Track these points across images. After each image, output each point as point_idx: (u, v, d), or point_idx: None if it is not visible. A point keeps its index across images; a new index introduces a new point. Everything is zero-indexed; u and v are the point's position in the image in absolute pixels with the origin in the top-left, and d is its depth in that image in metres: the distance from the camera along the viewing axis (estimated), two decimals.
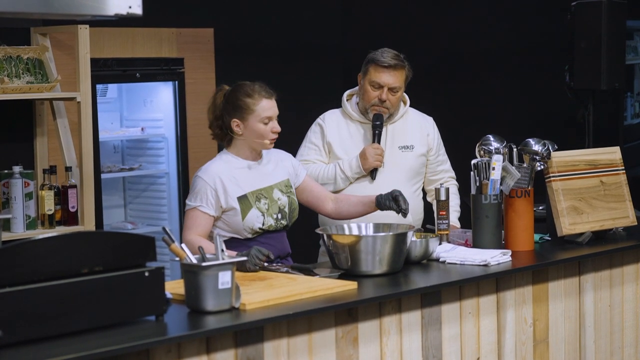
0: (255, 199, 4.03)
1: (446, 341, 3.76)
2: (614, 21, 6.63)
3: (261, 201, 4.04)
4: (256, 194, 4.04)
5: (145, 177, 6.54)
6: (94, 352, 2.77)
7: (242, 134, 4.04)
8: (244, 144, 4.07)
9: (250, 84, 4.06)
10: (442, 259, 4.03)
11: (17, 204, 5.00)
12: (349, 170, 4.55)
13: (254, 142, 4.05)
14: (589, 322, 4.31)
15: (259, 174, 4.09)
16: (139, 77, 6.05)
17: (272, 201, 4.06)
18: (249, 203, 4.01)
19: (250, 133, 4.03)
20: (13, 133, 5.28)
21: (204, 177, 4.02)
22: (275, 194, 4.08)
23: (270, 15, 6.69)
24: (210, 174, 4.02)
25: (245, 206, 4.00)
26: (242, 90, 4.05)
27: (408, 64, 4.61)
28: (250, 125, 4.02)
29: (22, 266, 2.83)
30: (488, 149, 4.21)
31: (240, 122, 4.03)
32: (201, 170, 4.07)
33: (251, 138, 4.04)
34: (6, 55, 5.08)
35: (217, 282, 3.17)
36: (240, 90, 4.05)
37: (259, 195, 4.04)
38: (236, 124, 4.03)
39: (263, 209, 4.02)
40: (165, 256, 4.57)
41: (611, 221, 4.52)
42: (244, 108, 4.01)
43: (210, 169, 4.05)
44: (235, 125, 4.03)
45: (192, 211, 4.01)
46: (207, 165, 4.08)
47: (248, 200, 4.01)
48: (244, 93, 4.03)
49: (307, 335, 3.34)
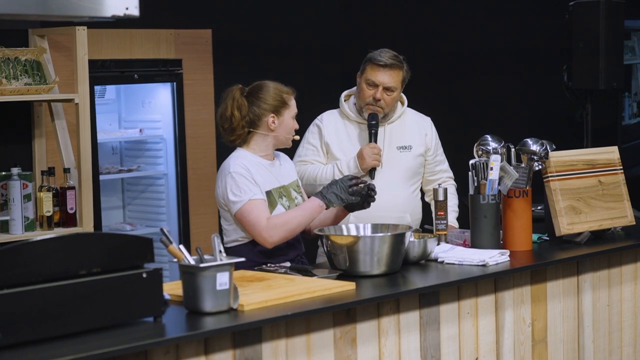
0: (278, 195, 4.04)
1: (445, 341, 3.77)
2: (612, 21, 6.64)
3: (283, 199, 4.05)
4: (279, 191, 4.05)
5: (143, 179, 6.54)
6: (93, 353, 2.77)
7: (275, 130, 4.05)
8: (264, 141, 4.06)
9: (272, 82, 4.08)
10: (440, 259, 4.03)
11: (16, 205, 5.00)
12: (347, 171, 4.54)
13: (284, 137, 4.07)
14: (588, 322, 4.31)
15: (275, 173, 4.10)
16: (137, 79, 6.05)
17: (291, 200, 4.08)
18: (274, 198, 4.03)
19: (283, 128, 4.05)
20: (11, 135, 5.28)
21: (234, 170, 3.95)
22: (292, 193, 4.11)
23: (269, 16, 6.69)
24: (235, 164, 3.97)
25: (272, 201, 4.02)
26: (272, 86, 4.06)
27: (406, 65, 4.61)
28: (285, 120, 4.05)
29: (21, 268, 2.83)
30: (486, 149, 4.22)
31: (276, 117, 4.04)
32: (230, 166, 3.97)
33: (282, 133, 4.06)
34: (4, 57, 5.08)
35: (215, 283, 3.17)
36: (270, 87, 4.06)
37: (281, 193, 4.06)
38: (272, 120, 4.03)
39: (286, 206, 4.03)
40: (163, 257, 4.57)
41: (609, 221, 4.52)
42: (282, 102, 4.04)
43: (236, 162, 3.99)
44: (271, 122, 4.03)
45: (247, 205, 3.92)
46: (232, 161, 4.00)
47: (273, 196, 4.03)
48: (277, 89, 4.06)
49: (306, 335, 3.34)
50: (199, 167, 6.33)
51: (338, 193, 3.95)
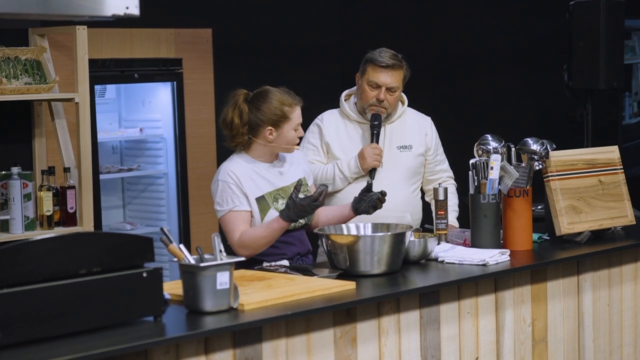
0: (273, 199, 4.03)
1: (445, 341, 3.76)
2: (612, 20, 6.63)
3: (279, 201, 4.04)
4: (274, 195, 4.04)
5: (143, 178, 6.54)
6: (93, 352, 2.77)
7: (273, 141, 4.02)
8: (265, 149, 4.06)
9: (279, 91, 4.03)
10: (440, 258, 4.03)
11: (16, 205, 5.00)
12: (347, 171, 4.54)
13: (282, 148, 4.05)
14: (588, 322, 4.31)
15: (275, 174, 4.09)
16: (137, 78, 6.05)
17: None
18: (267, 204, 4.02)
19: (282, 140, 4.03)
20: (11, 134, 5.28)
21: (222, 178, 4.00)
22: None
23: (269, 15, 6.69)
24: (227, 173, 4.00)
25: (264, 207, 4.01)
26: (275, 98, 4.00)
27: (406, 64, 4.61)
28: (284, 132, 4.02)
29: (21, 267, 2.83)
30: (486, 149, 4.21)
31: (274, 129, 4.01)
32: (219, 174, 4.03)
33: (281, 145, 4.04)
34: (4, 57, 5.08)
35: (216, 282, 3.17)
36: (273, 98, 4.01)
37: (277, 196, 4.05)
38: (269, 132, 4.00)
39: (280, 209, 4.01)
40: (163, 257, 4.57)
41: (610, 220, 4.52)
42: (282, 117, 4.00)
43: (227, 169, 4.03)
44: (268, 134, 4.01)
45: (226, 216, 3.98)
46: (221, 167, 4.06)
47: (266, 201, 4.02)
48: (279, 101, 4.00)
49: (306, 335, 3.34)
50: (199, 166, 6.33)
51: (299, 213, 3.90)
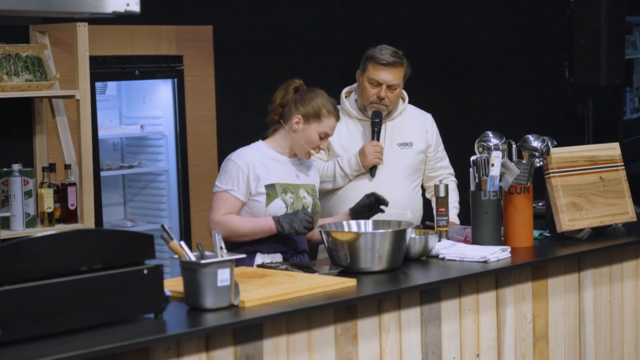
0: (282, 190, 4.05)
1: (446, 338, 3.76)
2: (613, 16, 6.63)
3: (287, 194, 4.06)
4: (284, 187, 4.07)
5: (144, 175, 6.54)
6: (93, 350, 2.77)
7: (296, 132, 4.07)
8: (286, 140, 4.11)
9: (329, 98, 4.11)
10: (441, 255, 4.03)
11: (17, 201, 5.00)
12: (348, 168, 4.54)
13: (300, 145, 4.08)
14: (589, 318, 4.31)
15: (290, 171, 4.12)
16: (138, 75, 6.05)
17: (298, 198, 4.08)
18: (275, 192, 4.04)
19: (304, 136, 4.07)
20: (12, 131, 5.28)
21: (238, 162, 4.04)
22: (301, 193, 4.11)
23: (269, 12, 6.68)
24: (243, 158, 4.05)
25: (272, 194, 4.03)
26: (321, 98, 4.09)
27: (406, 61, 4.61)
28: (309, 130, 4.06)
29: (22, 264, 2.83)
30: (487, 145, 4.21)
31: (303, 121, 4.06)
32: (234, 154, 4.09)
33: (301, 140, 4.07)
34: (5, 53, 5.08)
35: (216, 279, 3.17)
36: (319, 96, 4.09)
37: (287, 189, 4.07)
38: (297, 121, 4.06)
39: (288, 202, 4.04)
40: (164, 254, 4.57)
41: (611, 217, 4.52)
42: (316, 115, 4.06)
43: (243, 154, 4.08)
44: (295, 122, 4.06)
45: (221, 194, 4.03)
46: (241, 151, 4.10)
47: (275, 190, 4.04)
48: (322, 103, 4.08)
49: (307, 332, 3.34)
50: (200, 163, 6.33)
51: (294, 224, 3.96)
